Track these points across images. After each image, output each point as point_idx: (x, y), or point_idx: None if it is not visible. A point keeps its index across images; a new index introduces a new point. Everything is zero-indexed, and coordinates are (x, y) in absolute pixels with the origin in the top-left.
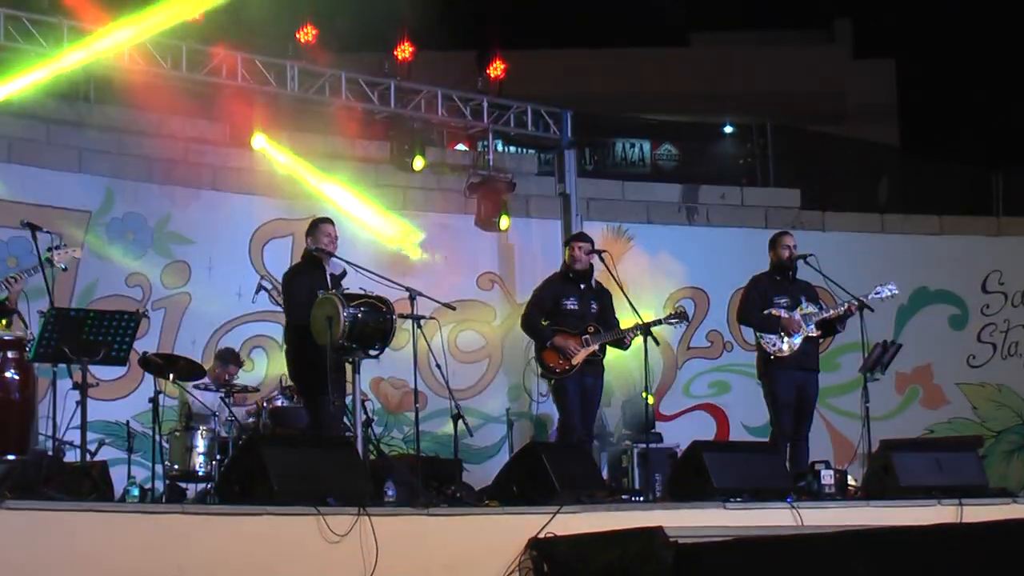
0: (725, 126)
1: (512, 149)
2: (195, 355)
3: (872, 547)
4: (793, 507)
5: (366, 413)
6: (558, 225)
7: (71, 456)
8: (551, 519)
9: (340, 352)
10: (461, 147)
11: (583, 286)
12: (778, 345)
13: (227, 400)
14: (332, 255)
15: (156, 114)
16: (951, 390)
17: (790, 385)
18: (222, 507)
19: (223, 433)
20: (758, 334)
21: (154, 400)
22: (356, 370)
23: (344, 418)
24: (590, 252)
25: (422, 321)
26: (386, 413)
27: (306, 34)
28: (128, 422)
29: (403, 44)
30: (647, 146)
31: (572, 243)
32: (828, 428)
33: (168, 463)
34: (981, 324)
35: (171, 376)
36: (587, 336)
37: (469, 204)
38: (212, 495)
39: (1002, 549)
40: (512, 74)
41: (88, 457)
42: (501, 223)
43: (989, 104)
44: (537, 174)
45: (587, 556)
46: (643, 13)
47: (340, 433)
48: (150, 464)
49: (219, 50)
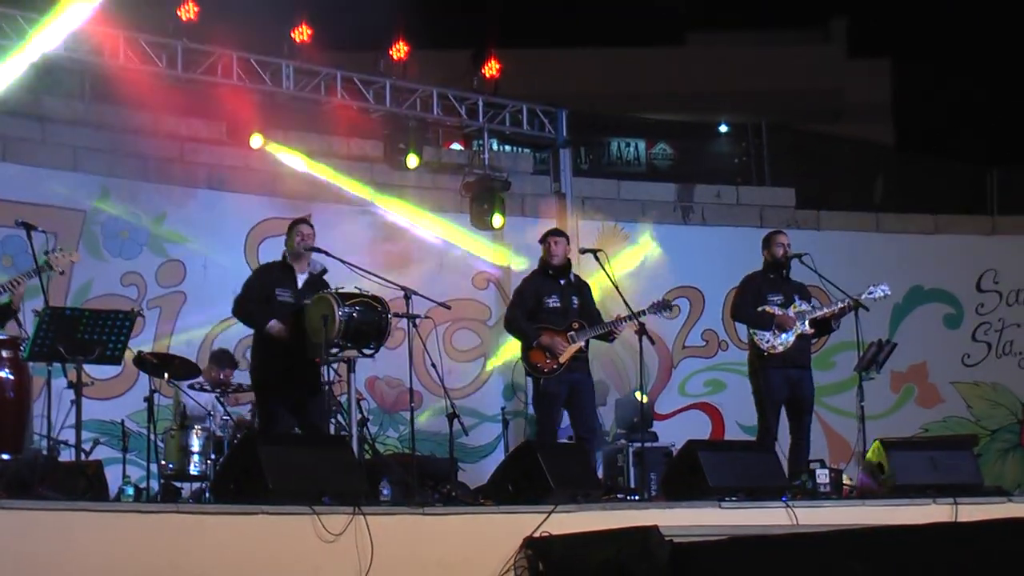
0: (720, 125)
1: (507, 148)
2: (190, 354)
3: (867, 546)
4: (788, 506)
5: (361, 412)
6: (553, 224)
7: (66, 455)
8: (546, 518)
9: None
10: (456, 146)
11: (563, 282)
12: (771, 342)
13: (222, 399)
14: (306, 251)
15: (151, 113)
16: (946, 389)
17: (782, 383)
18: (217, 506)
19: (218, 432)
20: (751, 331)
21: (149, 399)
22: (352, 369)
23: (339, 417)
24: (585, 251)
25: (417, 320)
26: (381, 412)
27: (301, 33)
28: (123, 421)
29: (398, 43)
30: (642, 145)
31: (549, 238)
32: (823, 427)
33: (163, 462)
34: (976, 323)
35: (166, 375)
36: (572, 332)
37: (464, 203)
38: (207, 494)
39: (997, 548)
40: (507, 73)
41: (83, 456)
42: (495, 222)
43: (984, 103)
44: (533, 173)
45: (582, 555)
46: (639, 12)
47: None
48: (145, 463)
49: (214, 49)
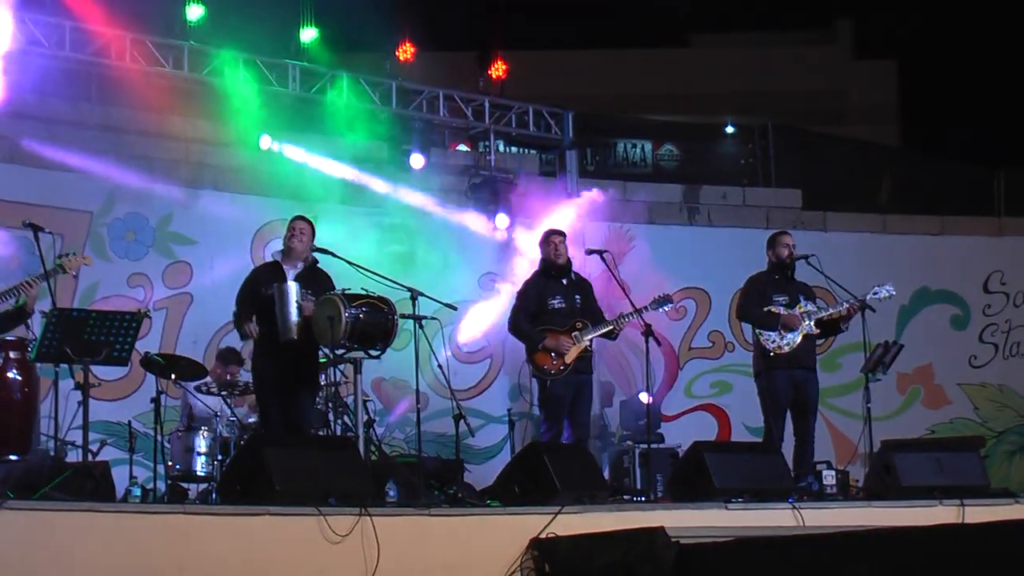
0: (726, 126)
1: (514, 149)
2: (197, 355)
3: (873, 548)
4: (795, 507)
5: (367, 413)
6: (559, 226)
7: (73, 456)
8: (552, 519)
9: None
10: (463, 147)
11: (565, 281)
12: (777, 342)
13: (228, 401)
14: (301, 249)
15: (157, 114)
16: (952, 390)
17: (788, 384)
18: (224, 507)
19: (224, 433)
20: (757, 331)
21: (156, 400)
22: (358, 370)
23: (345, 418)
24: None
25: (423, 321)
26: (387, 413)
27: (308, 34)
28: (130, 422)
29: (404, 44)
30: (648, 146)
31: (550, 237)
32: (829, 428)
33: (170, 463)
34: (983, 324)
35: (173, 376)
36: (576, 332)
37: (470, 204)
38: (214, 495)
39: (1003, 550)
40: (513, 74)
41: (90, 457)
42: (500, 223)
43: (990, 104)
44: (539, 174)
45: (589, 556)
46: (644, 14)
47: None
48: (152, 464)
49: (220, 50)
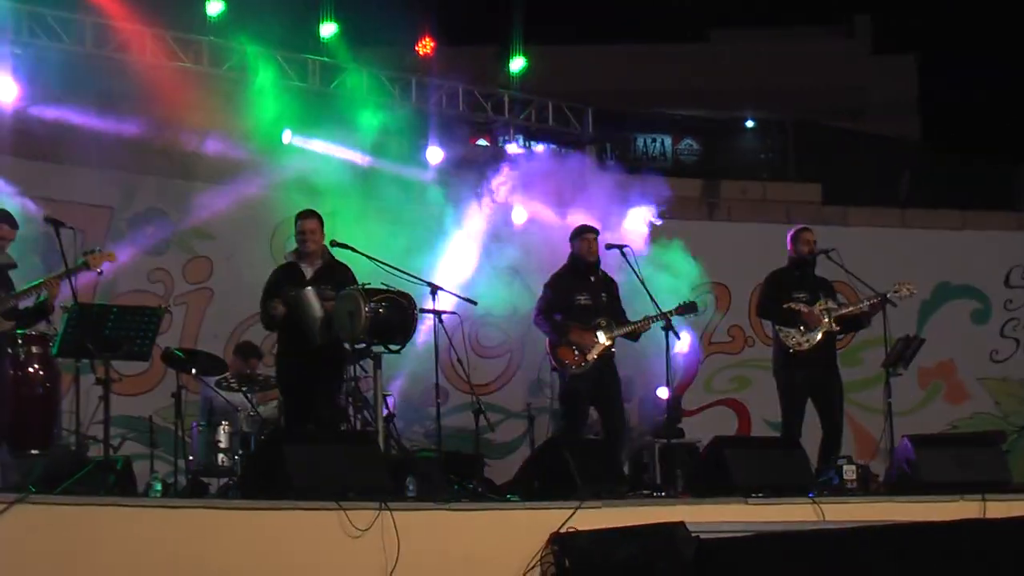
0: (746, 121)
1: (533, 143)
2: (217, 350)
3: (894, 542)
4: (815, 502)
5: (387, 408)
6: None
7: (94, 451)
8: (572, 514)
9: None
10: (482, 142)
11: (592, 278)
12: (797, 339)
13: (249, 395)
14: (315, 249)
15: (177, 109)
16: (974, 385)
17: (805, 382)
18: (244, 502)
19: (245, 428)
20: (777, 328)
21: (176, 395)
22: (378, 365)
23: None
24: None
25: (443, 316)
26: (407, 408)
27: (327, 29)
28: (151, 417)
29: (424, 39)
30: (668, 141)
31: (584, 233)
32: (850, 423)
33: (191, 458)
34: (1004, 319)
35: (193, 371)
36: (600, 330)
37: (489, 199)
38: (234, 490)
39: None
40: (533, 69)
41: (111, 452)
42: (518, 217)
43: (1010, 98)
44: (559, 169)
45: (608, 551)
46: (664, 9)
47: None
48: (172, 459)
49: (240, 45)
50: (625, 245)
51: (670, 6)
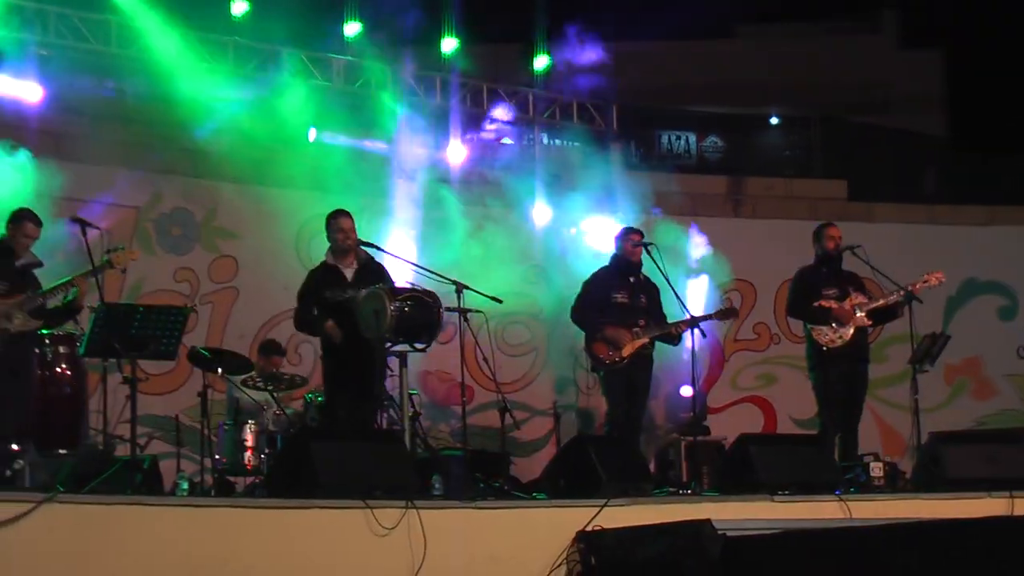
0: (771, 118)
1: (557, 141)
2: (243, 349)
3: (922, 540)
4: (841, 499)
5: (413, 407)
6: (602, 218)
7: (121, 450)
8: (598, 512)
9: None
10: (506, 140)
11: (632, 279)
12: (830, 336)
13: (275, 394)
14: (352, 247)
15: (202, 108)
16: (1001, 381)
17: (841, 377)
18: (270, 500)
19: (271, 427)
20: (809, 326)
21: (202, 394)
22: (403, 364)
23: (392, 411)
24: (638, 245)
25: (468, 314)
26: (433, 406)
27: (352, 28)
28: (177, 416)
29: (449, 38)
30: (693, 138)
31: (629, 235)
32: (877, 420)
33: (217, 457)
34: None
35: (219, 370)
36: (637, 329)
37: (515, 197)
38: (261, 489)
39: None
40: (558, 67)
41: (138, 451)
42: (540, 216)
43: None
44: (583, 167)
45: (634, 549)
46: (689, 5)
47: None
48: (199, 458)
49: (266, 45)
50: (650, 243)
51: (695, 2)
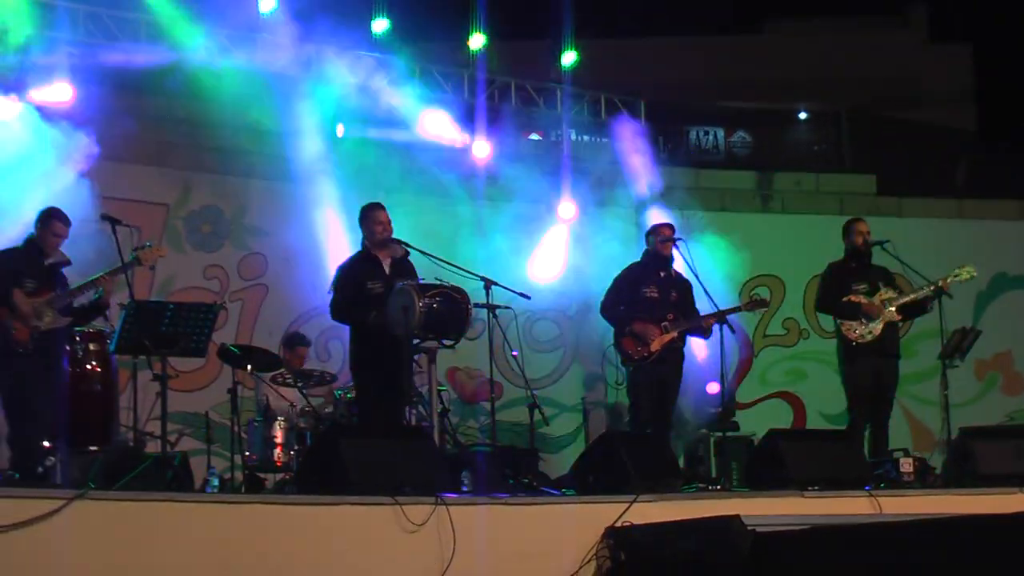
0: (800, 112)
1: (586, 137)
2: (272, 346)
3: (953, 536)
4: (872, 495)
5: (442, 403)
6: (631, 213)
7: (152, 447)
8: (628, 508)
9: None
10: (534, 136)
11: (663, 274)
12: (860, 331)
13: (304, 391)
14: (389, 241)
15: (232, 107)
16: None
17: (870, 372)
18: (300, 497)
19: (301, 423)
20: (839, 321)
21: (232, 391)
22: (432, 360)
23: (420, 408)
24: (667, 240)
25: (497, 310)
26: (462, 403)
27: (380, 25)
28: (207, 413)
29: (476, 34)
30: (721, 133)
31: (660, 230)
32: (907, 415)
33: (247, 453)
34: None
35: (249, 367)
36: (666, 323)
37: (543, 193)
38: (290, 485)
39: None
40: (585, 62)
41: (168, 448)
42: (568, 211)
43: None
44: (611, 162)
45: (664, 545)
46: (717, 0)
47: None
48: (229, 455)
49: (294, 41)
50: (679, 238)
51: None
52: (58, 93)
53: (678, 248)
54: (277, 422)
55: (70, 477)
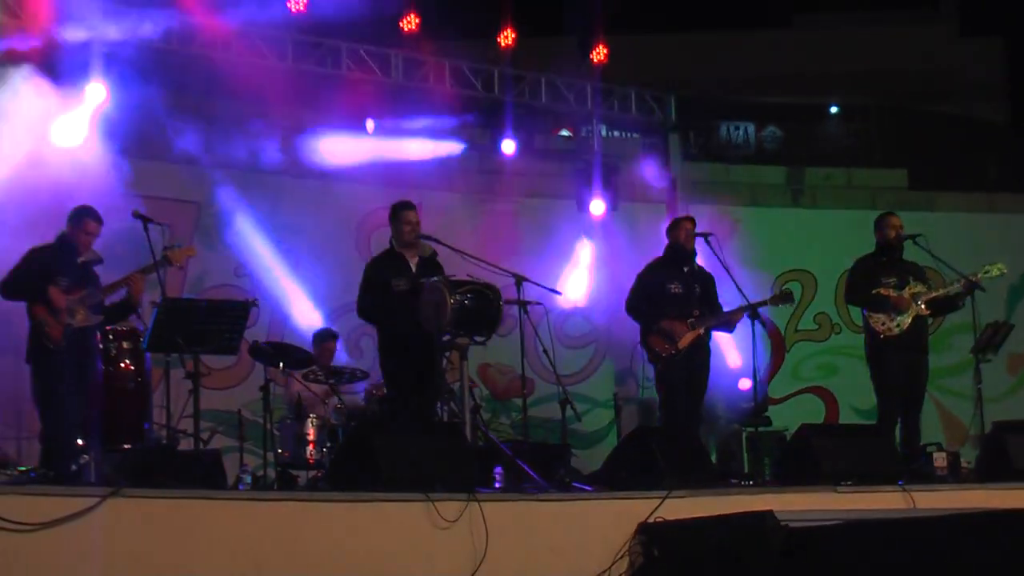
0: (830, 107)
1: (616, 133)
2: (304, 344)
3: (987, 530)
4: (905, 490)
5: (474, 399)
6: (663, 209)
7: (184, 444)
8: (660, 504)
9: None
10: (565, 132)
11: (686, 269)
12: (887, 324)
13: (336, 388)
14: (416, 241)
15: (262, 105)
16: None
17: (899, 367)
18: (333, 494)
19: (332, 420)
20: (867, 314)
21: (264, 388)
22: (464, 356)
23: (452, 404)
24: (692, 234)
25: (528, 307)
26: (493, 399)
27: (409, 22)
28: (239, 410)
29: (506, 30)
30: (752, 128)
31: (682, 224)
32: (939, 410)
33: (279, 451)
34: None
35: (281, 365)
36: (692, 320)
37: (573, 189)
38: (323, 482)
39: None
40: (615, 58)
41: (201, 445)
42: (599, 208)
43: None
44: (641, 158)
45: (697, 540)
46: None
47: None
48: (261, 452)
49: (324, 39)
50: (711, 233)
51: None
52: (94, 93)
53: (708, 244)
54: (309, 419)
55: (103, 475)
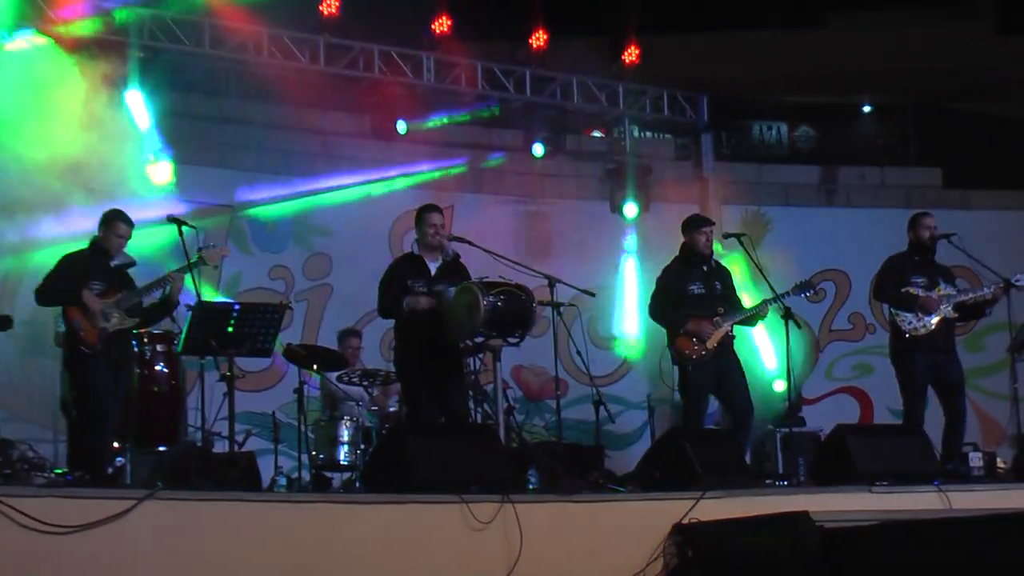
0: (864, 106)
1: (648, 134)
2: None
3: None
4: (941, 490)
5: (507, 401)
6: (696, 210)
7: (219, 447)
8: (695, 505)
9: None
10: (597, 133)
11: (705, 268)
12: (913, 324)
13: (370, 390)
14: (440, 243)
15: (295, 108)
16: None
17: (926, 367)
18: (367, 496)
19: (367, 422)
20: (893, 312)
21: (299, 391)
22: (497, 358)
23: (486, 406)
24: (710, 235)
25: (561, 308)
26: (526, 400)
27: (441, 25)
28: (274, 413)
29: (537, 32)
30: (785, 128)
31: (702, 227)
32: (975, 409)
33: (314, 453)
34: None
35: (315, 367)
36: (717, 318)
37: (605, 190)
38: (357, 484)
39: None
40: (647, 59)
41: (236, 448)
42: (630, 210)
43: None
44: (674, 158)
45: (732, 541)
46: None
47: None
48: (296, 454)
49: (356, 43)
50: (742, 234)
51: None
52: (131, 100)
53: (741, 244)
54: (343, 421)
55: (139, 477)
